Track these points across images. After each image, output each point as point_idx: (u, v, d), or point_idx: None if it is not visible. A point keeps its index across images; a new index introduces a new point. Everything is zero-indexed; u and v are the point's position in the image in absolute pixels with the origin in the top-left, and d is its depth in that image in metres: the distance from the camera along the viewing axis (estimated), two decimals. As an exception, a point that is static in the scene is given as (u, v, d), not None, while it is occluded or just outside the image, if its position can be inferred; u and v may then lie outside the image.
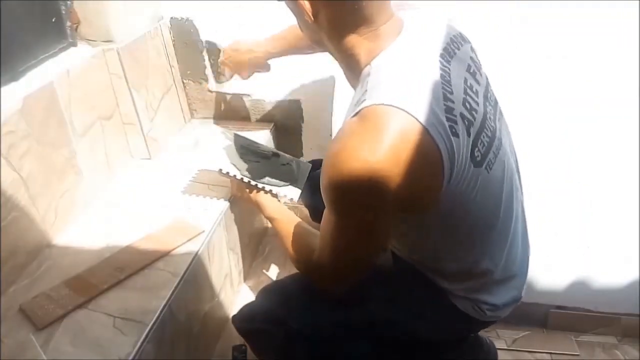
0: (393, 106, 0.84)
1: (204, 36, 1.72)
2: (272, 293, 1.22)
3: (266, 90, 1.78)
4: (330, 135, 1.79)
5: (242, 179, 1.32)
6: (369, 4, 0.91)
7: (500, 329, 1.86)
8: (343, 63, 1.02)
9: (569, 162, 1.68)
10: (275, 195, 1.34)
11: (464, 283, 1.08)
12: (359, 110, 0.87)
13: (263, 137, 1.74)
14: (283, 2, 1.00)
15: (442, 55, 0.96)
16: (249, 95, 1.81)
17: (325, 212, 0.97)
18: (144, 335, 1.06)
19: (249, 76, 1.60)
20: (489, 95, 1.05)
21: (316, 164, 1.55)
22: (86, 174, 1.42)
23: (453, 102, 0.90)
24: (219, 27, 1.70)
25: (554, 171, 1.69)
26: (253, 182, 1.33)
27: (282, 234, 1.21)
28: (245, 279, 1.66)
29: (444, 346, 1.30)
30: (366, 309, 1.11)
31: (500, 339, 1.84)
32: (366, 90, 0.90)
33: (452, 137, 0.87)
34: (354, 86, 1.01)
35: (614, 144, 1.63)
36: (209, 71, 1.76)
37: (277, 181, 1.36)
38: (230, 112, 1.85)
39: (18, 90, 1.24)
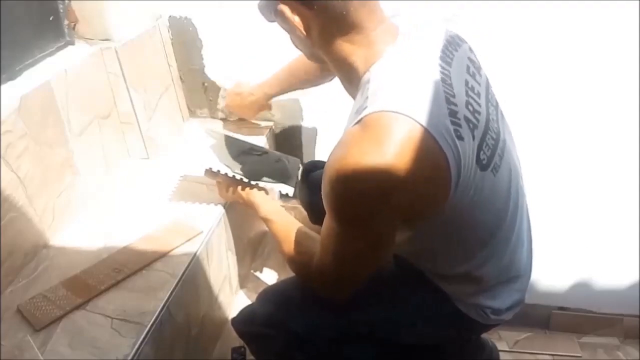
0: (396, 112, 0.83)
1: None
2: (272, 296, 1.20)
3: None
4: (330, 134, 1.78)
5: (233, 176, 1.30)
6: (356, 9, 0.91)
7: (502, 330, 1.86)
8: (341, 73, 1.02)
9: (569, 162, 1.67)
10: (267, 193, 1.32)
11: (467, 286, 1.07)
12: (361, 118, 0.86)
13: (262, 137, 1.74)
14: (275, 23, 1.00)
15: (441, 58, 0.95)
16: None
17: (327, 218, 0.95)
18: (142, 337, 1.06)
19: (254, 116, 1.74)
20: (489, 96, 1.04)
21: (315, 165, 1.54)
22: (84, 174, 1.42)
23: (456, 105, 0.89)
24: (218, 26, 1.69)
25: (554, 172, 1.69)
26: (246, 180, 1.30)
27: (278, 236, 1.20)
28: (245, 280, 1.65)
29: (445, 348, 1.29)
30: (367, 312, 1.10)
31: (502, 340, 1.83)
32: (367, 97, 0.89)
33: (457, 140, 0.86)
34: (354, 95, 1.00)
35: (614, 145, 1.63)
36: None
37: (272, 179, 1.34)
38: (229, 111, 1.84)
39: (15, 89, 1.23)
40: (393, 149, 0.82)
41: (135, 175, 1.57)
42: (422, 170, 0.83)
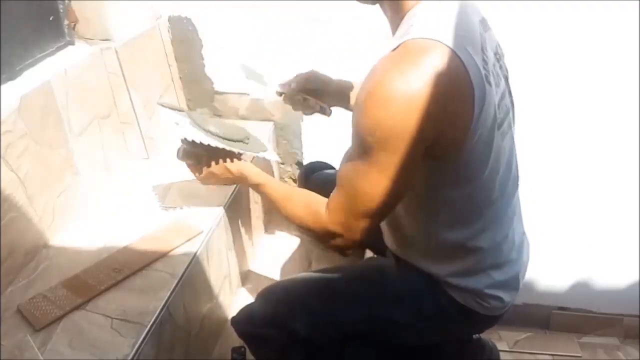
0: (436, 40, 0.85)
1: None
2: (272, 295, 1.19)
3: (265, 89, 1.77)
4: (331, 135, 1.78)
5: (215, 147, 1.16)
6: None
7: (502, 330, 1.86)
8: (390, 9, 1.00)
9: (569, 162, 1.67)
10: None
11: (462, 262, 1.06)
12: (399, 44, 0.87)
13: (263, 136, 1.73)
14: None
15: (481, 22, 0.98)
16: (247, 94, 1.80)
17: (348, 153, 0.95)
18: (142, 337, 1.06)
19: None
20: (507, 80, 1.06)
21: (315, 167, 1.54)
22: (84, 174, 1.42)
23: (488, 58, 0.92)
24: (218, 26, 1.69)
25: (554, 172, 1.69)
26: (229, 148, 1.18)
27: (279, 196, 1.13)
28: (245, 279, 1.65)
29: (446, 348, 1.29)
30: (368, 312, 1.10)
31: (502, 340, 1.84)
32: (412, 25, 0.89)
33: (485, 83, 0.88)
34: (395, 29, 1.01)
35: (614, 145, 1.63)
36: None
37: (248, 147, 1.25)
38: (229, 111, 1.84)
39: (15, 89, 1.23)
40: (427, 72, 0.83)
41: (135, 175, 1.57)
42: (449, 96, 0.84)
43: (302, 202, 1.06)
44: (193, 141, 1.15)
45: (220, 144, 1.17)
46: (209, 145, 1.15)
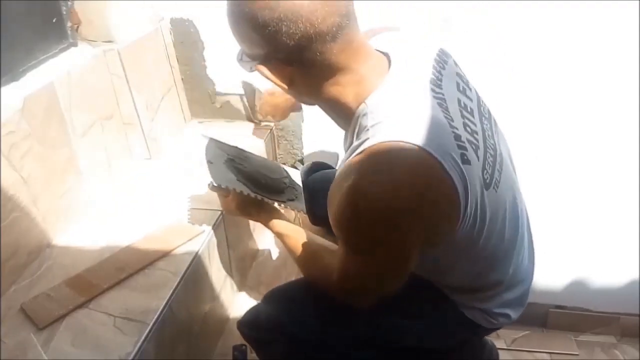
0: (402, 141, 0.82)
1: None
2: (277, 299, 1.19)
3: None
4: (331, 135, 1.79)
5: (241, 192, 1.19)
6: (338, 54, 0.87)
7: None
8: (331, 112, 1.00)
9: (567, 161, 1.68)
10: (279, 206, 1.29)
11: (472, 295, 1.08)
12: (365, 149, 0.84)
13: (263, 137, 1.75)
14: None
15: (432, 82, 0.93)
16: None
17: (340, 244, 0.95)
18: (144, 335, 1.07)
19: (285, 117, 1.68)
20: (482, 109, 1.03)
21: (315, 166, 1.55)
22: (87, 174, 1.43)
23: (457, 128, 0.89)
24: (220, 27, 1.69)
25: (552, 171, 1.69)
26: (259, 197, 1.22)
27: (295, 251, 1.16)
28: (246, 279, 1.66)
29: (446, 348, 1.29)
30: (374, 319, 1.10)
31: (499, 338, 1.84)
32: (368, 129, 0.87)
33: (463, 165, 0.85)
34: (346, 128, 0.99)
35: (614, 144, 1.63)
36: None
37: (279, 197, 1.29)
38: (230, 112, 1.85)
39: (19, 90, 1.24)
40: (401, 176, 0.81)
41: (138, 175, 1.58)
42: (431, 197, 0.83)
43: (317, 265, 1.10)
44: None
45: (248, 192, 1.20)
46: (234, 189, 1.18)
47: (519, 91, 1.57)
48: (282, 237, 1.20)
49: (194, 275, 1.27)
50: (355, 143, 0.89)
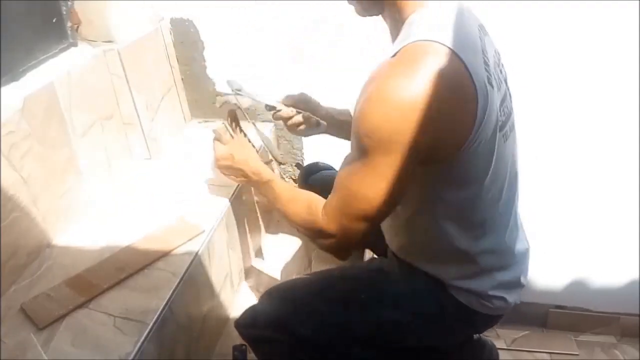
0: (436, 42, 0.85)
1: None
2: (275, 298, 1.19)
3: (266, 89, 1.78)
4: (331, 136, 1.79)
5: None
6: None
7: (500, 328, 1.87)
8: (389, 19, 1.02)
9: (567, 161, 1.68)
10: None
11: (463, 265, 1.07)
12: (401, 48, 0.87)
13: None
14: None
15: (479, 28, 0.98)
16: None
17: (348, 156, 0.96)
18: (144, 335, 1.07)
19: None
20: (508, 89, 1.06)
21: (315, 167, 1.55)
22: (86, 174, 1.43)
23: (488, 60, 0.92)
24: (220, 27, 1.70)
25: (552, 170, 1.70)
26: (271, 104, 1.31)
27: (282, 194, 1.15)
28: (246, 278, 1.66)
29: (447, 348, 1.29)
30: (372, 315, 1.10)
31: (499, 338, 1.84)
32: (411, 30, 0.90)
33: (487, 84, 0.88)
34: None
35: (614, 144, 1.63)
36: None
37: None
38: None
39: (19, 90, 1.25)
40: (427, 75, 0.83)
41: (138, 175, 1.58)
42: (451, 99, 0.84)
43: (305, 203, 1.07)
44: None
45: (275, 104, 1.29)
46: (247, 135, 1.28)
47: (518, 91, 1.56)
48: (271, 183, 1.19)
49: (194, 275, 1.27)
50: (396, 44, 0.92)
